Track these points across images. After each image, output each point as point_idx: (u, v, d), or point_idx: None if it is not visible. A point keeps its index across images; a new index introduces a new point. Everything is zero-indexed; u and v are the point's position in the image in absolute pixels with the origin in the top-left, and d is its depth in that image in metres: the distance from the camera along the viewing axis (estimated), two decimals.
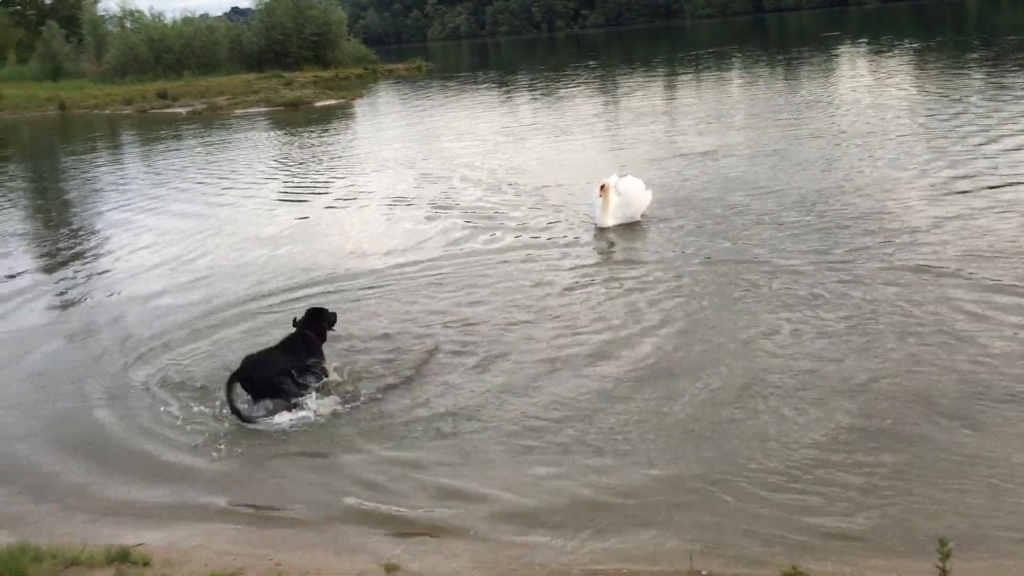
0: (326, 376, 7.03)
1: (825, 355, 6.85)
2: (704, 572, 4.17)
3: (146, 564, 4.62)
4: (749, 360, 6.89)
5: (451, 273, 9.97)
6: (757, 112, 22.01)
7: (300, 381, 6.77)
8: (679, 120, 22.35)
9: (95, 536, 5.08)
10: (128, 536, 5.07)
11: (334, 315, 7.43)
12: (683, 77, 36.10)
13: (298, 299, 9.41)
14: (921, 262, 8.75)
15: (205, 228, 13.94)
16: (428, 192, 15.08)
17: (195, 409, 6.79)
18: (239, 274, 10.90)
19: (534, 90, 36.88)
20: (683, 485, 5.22)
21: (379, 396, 6.79)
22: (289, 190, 17.02)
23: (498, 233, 11.67)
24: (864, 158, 14.26)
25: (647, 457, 5.58)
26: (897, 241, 9.56)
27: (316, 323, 7.19)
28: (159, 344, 8.44)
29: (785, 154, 15.47)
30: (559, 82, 39.46)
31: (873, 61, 33.72)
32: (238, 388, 6.59)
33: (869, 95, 22.59)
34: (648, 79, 37.03)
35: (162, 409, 6.85)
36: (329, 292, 9.66)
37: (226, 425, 6.49)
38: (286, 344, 7.02)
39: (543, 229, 11.68)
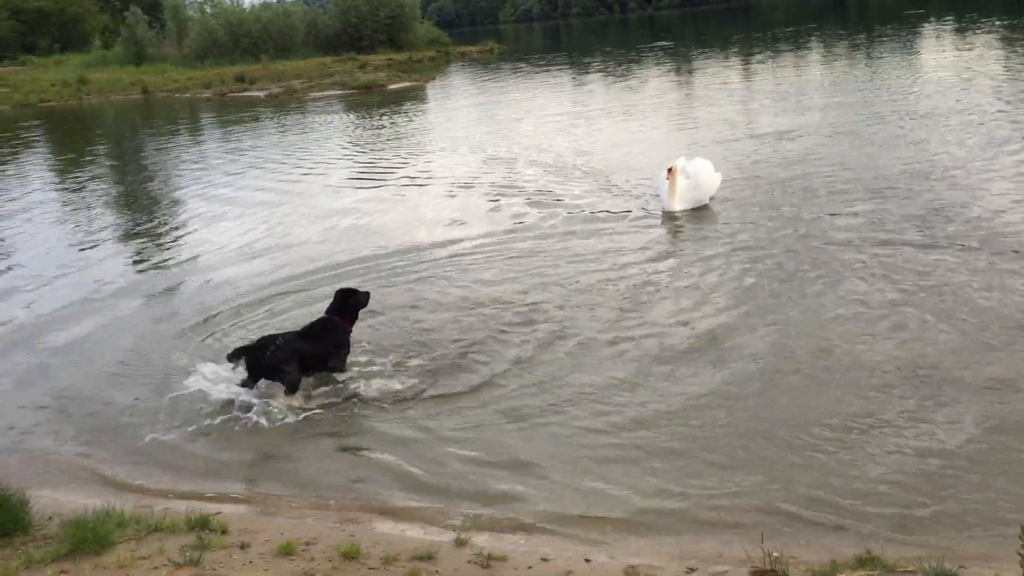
0: (343, 369, 6.92)
1: (905, 341, 6.71)
2: (775, 553, 4.13)
3: (224, 532, 4.76)
4: (822, 346, 6.77)
5: (513, 256, 9.96)
6: (836, 92, 21.47)
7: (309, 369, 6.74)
8: (754, 100, 21.94)
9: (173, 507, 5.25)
10: (204, 507, 5.22)
11: (366, 295, 7.22)
12: (758, 57, 35.38)
13: (357, 275, 9.58)
14: (1015, 247, 8.48)
15: (275, 208, 14.20)
16: (494, 174, 15.09)
17: (255, 392, 6.88)
18: (303, 251, 11.13)
19: (606, 72, 36.55)
20: (751, 468, 5.17)
21: (439, 382, 6.76)
22: (359, 172, 17.21)
23: (562, 216, 11.60)
24: (950, 139, 13.82)
25: (712, 438, 5.56)
26: (989, 225, 9.25)
27: (343, 308, 7.01)
28: (223, 313, 8.78)
29: (865, 135, 15.09)
30: (631, 64, 39.06)
31: (959, 40, 32.54)
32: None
33: (955, 75, 21.82)
34: (723, 59, 36.39)
35: (220, 389, 6.86)
36: (390, 270, 9.79)
37: (283, 409, 6.55)
38: (307, 331, 6.95)
39: (609, 213, 11.59)
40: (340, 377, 6.87)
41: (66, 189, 18.59)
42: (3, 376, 7.89)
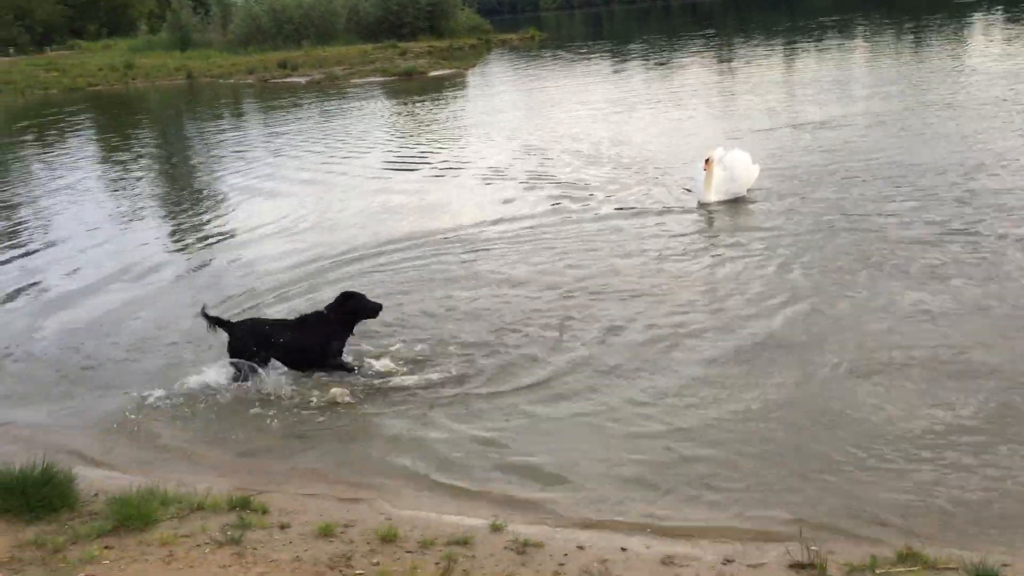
0: (349, 369, 6.79)
1: (947, 336, 6.61)
2: (814, 548, 4.10)
3: (264, 512, 4.83)
4: (864, 338, 6.70)
5: (544, 247, 9.90)
6: (882, 82, 21.12)
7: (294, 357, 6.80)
8: (797, 90, 21.65)
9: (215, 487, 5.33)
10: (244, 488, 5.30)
11: (374, 307, 6.96)
12: (803, 46, 34.85)
13: (387, 255, 9.89)
14: None
15: (308, 193, 14.37)
16: (527, 163, 14.96)
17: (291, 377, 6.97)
18: (332, 237, 11.26)
19: (647, 60, 36.25)
20: (792, 463, 5.14)
21: (473, 372, 6.75)
22: (393, 158, 17.18)
23: (593, 206, 11.50)
24: (1001, 131, 13.54)
25: (751, 433, 5.53)
26: None
27: (339, 310, 6.85)
28: (252, 291, 9.10)
29: (912, 126, 14.83)
30: (673, 52, 38.72)
31: (1009, 30, 31.83)
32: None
33: (1007, 66, 21.36)
34: (766, 48, 35.92)
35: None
36: (416, 258, 9.87)
37: (316, 394, 6.62)
38: (299, 322, 6.90)
39: (642, 204, 11.45)
40: (347, 375, 6.77)
41: (110, 170, 18.91)
42: (37, 347, 8.19)
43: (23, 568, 4.32)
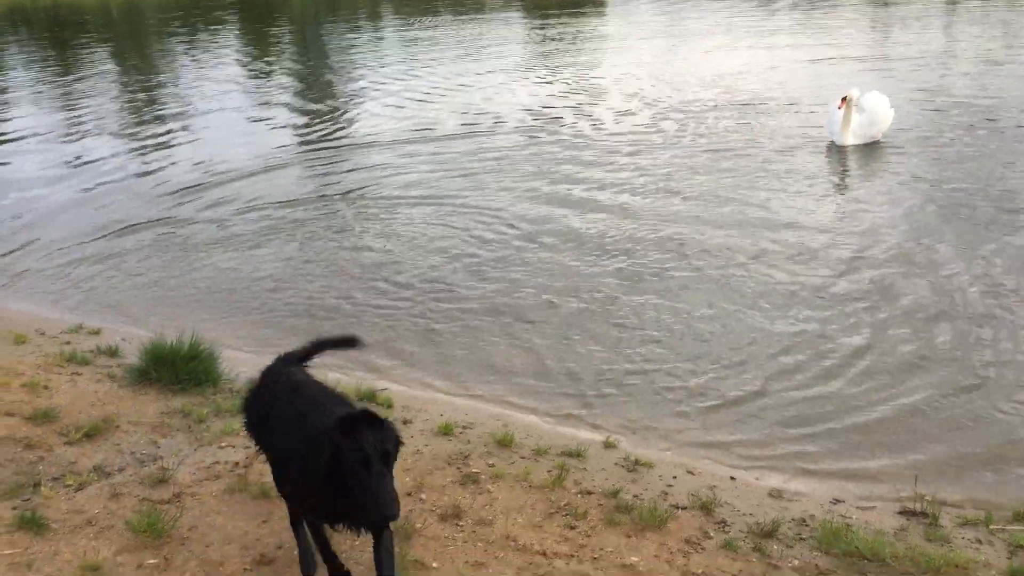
0: None
1: None
2: (928, 497, 4.07)
3: (389, 406, 5.09)
4: (996, 302, 6.44)
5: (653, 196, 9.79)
6: None
7: None
8: (957, 28, 20.24)
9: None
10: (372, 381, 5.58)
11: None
12: None
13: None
14: None
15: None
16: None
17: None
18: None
19: None
20: (912, 414, 5.08)
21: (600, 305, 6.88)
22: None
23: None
24: None
25: (873, 380, 5.46)
26: None
27: None
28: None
29: None
30: None
31: None
32: None
33: None
34: None
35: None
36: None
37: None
38: None
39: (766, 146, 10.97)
40: None
41: (249, 66, 19.53)
42: (180, 237, 8.80)
43: (171, 433, 4.71)
